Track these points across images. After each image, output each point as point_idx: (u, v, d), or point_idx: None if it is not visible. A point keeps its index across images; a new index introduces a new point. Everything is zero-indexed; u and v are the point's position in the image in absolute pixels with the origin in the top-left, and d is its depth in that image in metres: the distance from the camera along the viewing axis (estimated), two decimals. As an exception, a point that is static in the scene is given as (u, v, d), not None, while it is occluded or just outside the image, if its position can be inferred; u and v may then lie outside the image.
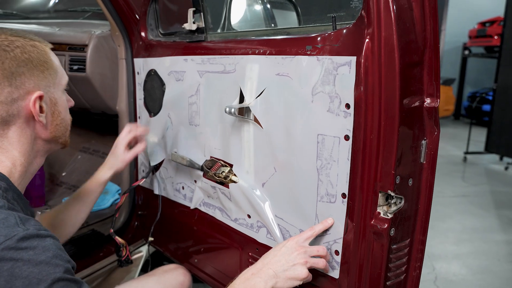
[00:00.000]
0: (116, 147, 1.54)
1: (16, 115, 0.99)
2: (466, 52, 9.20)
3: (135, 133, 1.56)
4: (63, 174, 2.61)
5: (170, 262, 1.81)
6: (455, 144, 7.34)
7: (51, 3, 2.75)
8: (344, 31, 1.04)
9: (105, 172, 1.52)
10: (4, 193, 0.96)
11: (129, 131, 1.56)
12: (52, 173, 2.58)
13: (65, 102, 1.10)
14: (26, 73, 0.98)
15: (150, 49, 1.73)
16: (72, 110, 1.16)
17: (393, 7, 0.93)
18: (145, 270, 1.91)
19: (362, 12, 0.98)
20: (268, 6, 1.98)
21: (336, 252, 1.13)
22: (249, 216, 1.37)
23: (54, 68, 1.05)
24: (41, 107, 1.01)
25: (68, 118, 1.12)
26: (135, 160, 1.93)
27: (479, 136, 7.48)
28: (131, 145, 1.57)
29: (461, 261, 3.27)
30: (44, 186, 2.35)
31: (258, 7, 1.97)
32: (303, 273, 1.07)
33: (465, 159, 6.31)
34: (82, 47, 1.99)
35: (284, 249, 1.10)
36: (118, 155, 1.53)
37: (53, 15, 2.67)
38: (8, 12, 2.82)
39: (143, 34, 1.77)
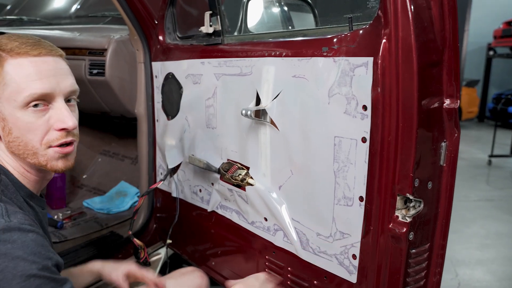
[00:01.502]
0: (126, 264, 1.42)
1: None
2: (491, 52, 9.00)
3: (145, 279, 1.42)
4: (84, 176, 2.65)
5: (188, 264, 1.81)
6: (479, 147, 7.18)
7: (73, 9, 2.81)
8: (361, 31, 1.03)
9: (98, 264, 1.41)
10: (1, 187, 0.95)
11: (152, 281, 1.42)
12: (73, 176, 2.63)
13: (21, 122, 0.94)
14: None
15: (167, 53, 1.74)
16: (92, 114, 1.12)
17: (410, 7, 0.91)
18: (163, 272, 1.92)
19: (379, 12, 0.97)
20: (285, 8, 1.97)
21: (354, 256, 1.11)
22: (265, 219, 1.36)
23: (3, 81, 0.92)
24: None
25: (31, 140, 0.96)
26: (153, 163, 1.94)
27: (504, 138, 7.32)
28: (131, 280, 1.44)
29: (485, 267, 3.18)
30: (65, 188, 2.39)
31: (275, 10, 1.97)
32: None
33: (489, 162, 6.17)
34: (102, 52, 2.02)
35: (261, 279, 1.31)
36: (116, 270, 1.40)
37: (75, 20, 2.72)
38: (32, 18, 2.89)
39: (161, 38, 1.78)
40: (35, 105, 0.94)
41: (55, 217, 2.18)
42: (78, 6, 2.80)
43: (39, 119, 0.95)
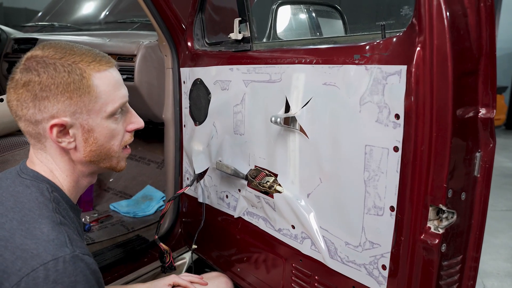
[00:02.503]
0: (168, 276, 1.50)
1: (43, 135, 0.98)
2: (520, 59, 8.79)
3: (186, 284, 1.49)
4: (111, 180, 2.69)
5: (213, 269, 1.82)
6: (507, 155, 7.00)
7: (102, 15, 2.86)
8: (394, 39, 1.01)
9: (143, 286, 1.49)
10: (57, 206, 0.97)
11: (190, 281, 1.50)
12: (100, 179, 2.67)
13: (107, 130, 1.01)
14: (50, 97, 0.94)
15: (196, 59, 1.76)
16: None
17: (446, 14, 0.89)
18: (188, 277, 1.93)
19: (413, 19, 0.95)
20: (314, 15, 1.97)
21: (383, 267, 1.09)
22: (293, 227, 1.35)
23: (93, 94, 0.97)
24: (66, 132, 0.98)
25: (113, 144, 1.04)
26: (179, 168, 1.96)
27: (534, 147, 7.12)
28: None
29: (514, 279, 3.10)
30: (93, 191, 2.43)
31: (304, 16, 1.97)
32: None
33: (518, 171, 6.01)
34: (131, 57, 2.05)
35: None
36: (161, 283, 1.48)
37: (104, 26, 2.77)
38: (63, 25, 2.96)
39: (189, 44, 1.80)
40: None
41: (83, 219, 2.22)
42: (108, 12, 2.86)
43: (119, 124, 1.04)
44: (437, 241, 0.97)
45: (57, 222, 0.92)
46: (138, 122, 1.09)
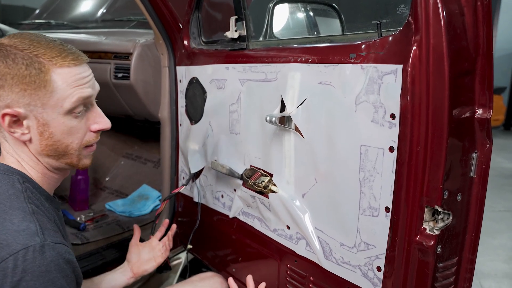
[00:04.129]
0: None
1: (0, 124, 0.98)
2: (519, 59, 8.79)
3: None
4: (107, 179, 2.67)
5: (208, 269, 1.81)
6: (505, 156, 6.99)
7: (99, 13, 2.85)
8: (390, 38, 1.00)
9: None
10: (31, 194, 0.97)
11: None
12: (96, 178, 2.65)
13: (64, 126, 0.99)
14: (6, 87, 0.94)
15: (192, 57, 1.75)
16: (116, 117, 1.14)
17: (443, 13, 0.88)
18: (183, 276, 1.92)
19: (410, 18, 0.94)
20: (311, 13, 1.95)
21: (378, 268, 1.08)
22: (288, 227, 1.34)
23: (48, 89, 0.96)
24: (20, 123, 0.97)
25: (71, 142, 1.02)
26: (175, 167, 1.95)
27: (532, 148, 7.12)
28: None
29: (512, 280, 3.09)
30: (88, 190, 2.41)
31: (301, 15, 1.95)
32: None
33: (516, 172, 6.01)
34: (127, 55, 2.03)
35: None
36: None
37: (101, 24, 2.75)
38: (60, 22, 2.95)
39: (185, 42, 1.78)
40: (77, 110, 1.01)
41: (78, 219, 2.20)
42: (104, 10, 2.84)
43: (79, 122, 1.02)
44: (432, 242, 0.96)
45: (29, 211, 0.92)
46: (103, 123, 1.05)
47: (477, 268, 3.33)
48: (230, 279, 1.40)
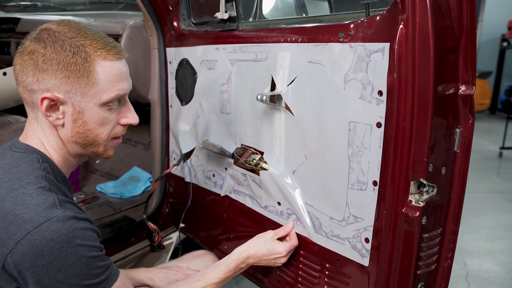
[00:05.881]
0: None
1: (36, 105, 1.01)
2: (505, 44, 8.87)
3: None
4: (97, 161, 2.68)
5: (200, 249, 1.84)
6: (490, 139, 7.12)
7: (87, -5, 2.82)
8: (378, 17, 1.03)
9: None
10: (48, 174, 1.00)
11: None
12: (86, 161, 2.65)
13: (98, 116, 1.03)
14: (50, 71, 0.97)
15: (182, 39, 1.75)
16: None
17: (428, -7, 0.91)
18: (175, 256, 1.95)
19: (397, -3, 0.97)
20: (300, -5, 1.97)
21: (366, 240, 1.12)
22: (279, 204, 1.38)
23: (92, 80, 0.99)
24: (56, 107, 1.00)
25: (101, 132, 1.06)
26: (166, 149, 1.97)
27: (516, 131, 7.24)
28: None
29: (494, 258, 3.18)
30: (79, 173, 2.43)
31: (290, -4, 1.97)
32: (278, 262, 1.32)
33: (500, 154, 6.12)
34: (116, 38, 2.03)
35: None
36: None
37: (89, 6, 2.73)
38: (47, 5, 2.91)
39: (175, 24, 1.79)
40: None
41: (70, 200, 2.21)
42: (92, -8, 2.82)
43: (112, 115, 1.06)
44: (417, 213, 1.00)
45: (46, 188, 0.95)
46: (132, 118, 1.11)
47: (461, 247, 3.42)
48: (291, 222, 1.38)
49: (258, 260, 1.30)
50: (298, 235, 1.34)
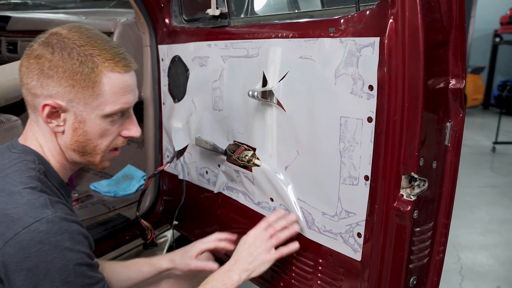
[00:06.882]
0: (193, 246, 1.43)
1: (38, 109, 0.99)
2: (497, 39, 8.92)
3: (218, 246, 1.43)
4: (91, 160, 2.67)
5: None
6: (483, 134, 7.16)
7: (78, -7, 2.81)
8: (368, 12, 1.03)
9: (164, 262, 1.44)
10: (41, 176, 0.99)
11: (217, 239, 1.43)
12: (80, 160, 2.64)
13: (99, 127, 1.01)
14: (55, 78, 0.96)
15: (174, 36, 1.75)
16: None
17: (417, -13, 0.91)
18: (169, 254, 1.95)
19: (386, -8, 0.97)
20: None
21: (359, 235, 1.13)
22: (272, 200, 1.38)
23: (97, 91, 0.97)
24: (57, 114, 0.99)
25: (101, 143, 1.04)
26: (159, 146, 1.96)
27: (509, 126, 7.30)
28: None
29: (488, 251, 3.21)
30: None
31: (281, -8, 1.96)
32: (268, 258, 1.22)
33: (493, 149, 6.17)
34: (108, 35, 2.02)
35: (247, 243, 1.25)
36: (187, 256, 1.42)
37: (80, 4, 2.72)
38: (37, 2, 2.89)
39: (167, 21, 1.78)
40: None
41: (63, 199, 2.20)
42: (84, -10, 2.81)
43: (113, 126, 1.04)
44: (409, 208, 1.00)
45: (37, 188, 0.94)
46: (134, 131, 1.09)
47: (455, 241, 3.46)
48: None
49: (247, 265, 1.23)
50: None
